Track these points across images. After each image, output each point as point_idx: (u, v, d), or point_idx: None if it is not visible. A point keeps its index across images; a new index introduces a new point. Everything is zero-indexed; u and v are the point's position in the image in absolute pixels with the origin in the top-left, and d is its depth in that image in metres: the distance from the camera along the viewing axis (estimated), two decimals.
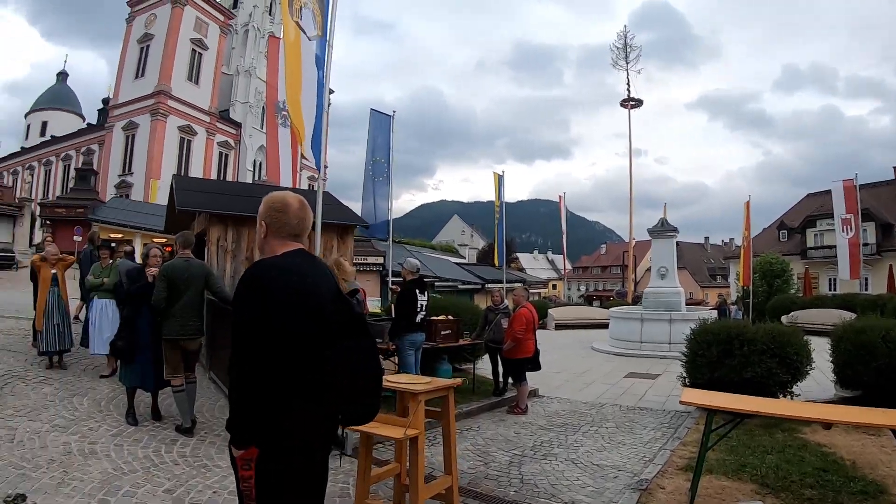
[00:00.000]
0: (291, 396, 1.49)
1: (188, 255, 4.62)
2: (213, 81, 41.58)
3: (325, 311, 1.59)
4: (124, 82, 40.36)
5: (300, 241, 1.76)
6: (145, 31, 39.80)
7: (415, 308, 5.61)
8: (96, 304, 6.33)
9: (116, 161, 39.89)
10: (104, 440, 4.50)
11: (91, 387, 5.99)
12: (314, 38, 6.12)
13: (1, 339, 7.64)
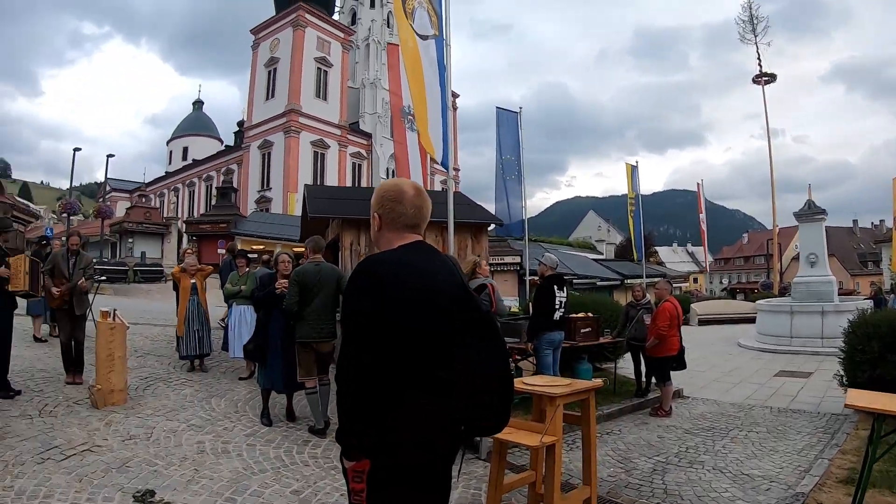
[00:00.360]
0: (408, 399, 1.58)
1: (319, 259, 5.29)
2: (341, 96, 49.26)
3: (446, 308, 1.66)
4: (256, 105, 49.26)
5: (418, 232, 1.83)
6: (271, 56, 48.56)
7: (553, 305, 5.99)
8: (235, 310, 7.49)
9: (255, 178, 48.46)
10: (237, 440, 5.06)
11: (229, 388, 6.90)
12: (431, 38, 7.01)
13: (148, 345, 9.24)
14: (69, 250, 6.46)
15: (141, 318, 12.75)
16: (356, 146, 51.12)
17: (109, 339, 5.71)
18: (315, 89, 48.36)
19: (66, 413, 5.42)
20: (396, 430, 1.60)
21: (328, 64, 48.81)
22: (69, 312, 6.29)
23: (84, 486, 3.89)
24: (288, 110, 46.13)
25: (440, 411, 1.63)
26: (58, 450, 4.49)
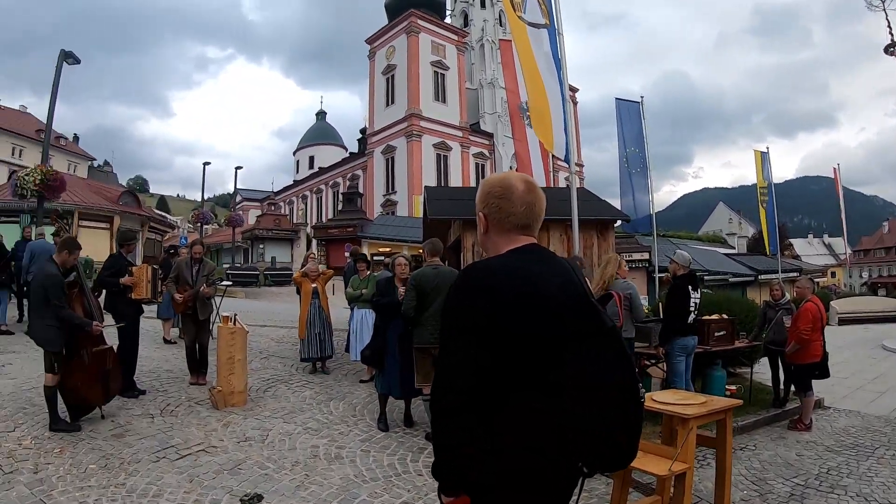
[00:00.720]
0: (514, 400, 1.62)
1: (436, 262, 5.72)
2: (460, 97, 55.68)
3: (560, 316, 1.67)
4: (377, 111, 57.58)
5: (531, 233, 1.83)
6: (387, 63, 56.41)
7: (687, 307, 6.31)
8: (356, 313, 8.35)
9: (380, 182, 56.34)
10: (352, 445, 5.38)
11: (349, 391, 7.44)
12: (542, 28, 7.74)
13: (273, 347, 10.40)
14: (192, 258, 7.52)
15: (269, 321, 14.30)
16: (478, 146, 56.56)
17: (230, 343, 6.48)
18: (434, 93, 54.66)
19: (187, 413, 6.11)
20: (500, 435, 1.59)
21: (444, 67, 55.39)
22: (193, 317, 7.29)
23: (194, 486, 4.27)
24: (408, 115, 52.51)
25: (550, 411, 1.62)
26: (174, 449, 5.02)
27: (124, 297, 6.67)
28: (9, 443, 5.01)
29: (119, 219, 36.25)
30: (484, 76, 58.34)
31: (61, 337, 5.35)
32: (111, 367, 5.84)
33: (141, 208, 42.42)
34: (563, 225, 8.41)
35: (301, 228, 44.81)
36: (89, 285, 6.02)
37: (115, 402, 6.17)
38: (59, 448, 4.98)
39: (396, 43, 56.24)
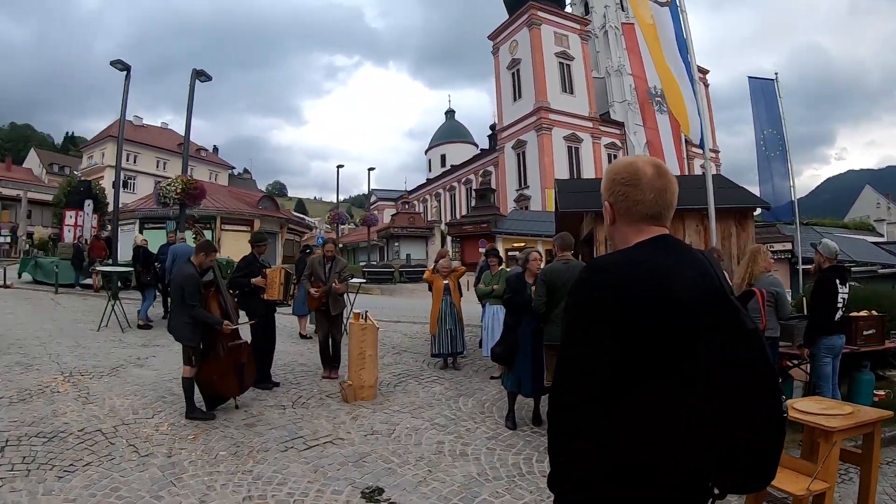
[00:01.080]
0: (638, 390, 1.50)
1: (568, 257, 5.70)
2: (587, 87, 55.33)
3: (696, 318, 1.54)
4: (505, 107, 58.60)
5: (662, 223, 1.70)
6: (511, 58, 57.16)
7: (835, 303, 5.95)
8: (488, 310, 8.48)
9: (512, 177, 56.94)
10: (478, 442, 5.32)
11: (479, 388, 7.42)
12: (664, 5, 7.77)
13: (406, 342, 10.68)
14: (325, 257, 7.89)
15: (403, 317, 14.66)
16: (609, 137, 55.74)
17: (361, 339, 6.70)
18: (560, 84, 54.51)
19: (318, 405, 6.34)
20: (618, 429, 1.48)
21: (569, 57, 55.21)
22: (326, 313, 7.63)
23: (318, 476, 4.37)
24: (536, 108, 52.77)
25: (679, 403, 1.49)
26: (302, 440, 5.20)
27: (256, 296, 7.11)
28: (147, 428, 5.42)
29: (259, 222, 39.26)
30: (610, 63, 57.14)
31: (197, 333, 5.79)
32: (245, 361, 6.24)
33: (279, 211, 45.73)
34: (700, 215, 8.17)
35: (435, 226, 46.43)
36: (225, 285, 6.41)
37: (250, 393, 6.56)
38: (192, 435, 5.31)
39: (518, 37, 56.62)
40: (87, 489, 4.08)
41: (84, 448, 4.87)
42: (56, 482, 4.18)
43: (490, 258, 9.00)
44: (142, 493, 4.07)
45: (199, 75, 16.09)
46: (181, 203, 15.22)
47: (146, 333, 10.56)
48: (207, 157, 71.28)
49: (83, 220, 23.87)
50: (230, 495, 4.09)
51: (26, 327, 10.56)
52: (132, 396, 6.43)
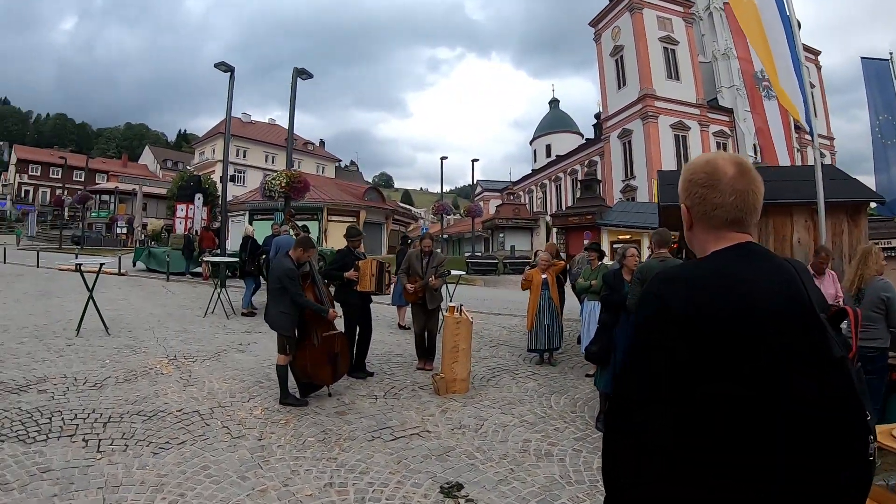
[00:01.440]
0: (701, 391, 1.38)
1: (664, 254, 5.62)
2: (693, 73, 53.95)
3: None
4: (609, 95, 58.05)
5: (744, 229, 1.59)
6: (614, 44, 56.65)
7: None
8: (586, 305, 8.44)
9: (618, 168, 56.32)
10: (565, 443, 5.29)
11: (573, 385, 7.37)
12: None
13: (504, 336, 10.70)
14: (423, 251, 8.09)
15: (503, 310, 14.72)
16: (718, 124, 54.24)
17: (455, 333, 6.81)
18: (665, 70, 53.32)
19: (409, 397, 6.50)
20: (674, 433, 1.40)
21: (673, 42, 53.87)
22: (423, 306, 7.85)
23: (400, 468, 4.48)
24: (642, 95, 51.99)
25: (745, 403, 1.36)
26: (389, 430, 5.35)
27: (350, 288, 7.39)
28: (242, 412, 5.75)
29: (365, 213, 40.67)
30: (717, 47, 55.71)
31: (292, 322, 6.10)
32: (339, 350, 6.51)
33: (384, 202, 47.19)
34: (809, 209, 7.79)
35: (540, 217, 46.95)
36: (319, 277, 6.72)
37: (343, 382, 6.82)
38: (284, 420, 5.59)
39: (620, 22, 56.08)
40: (178, 466, 4.39)
41: (180, 427, 5.23)
42: (151, 458, 4.52)
43: (590, 252, 8.98)
44: (229, 472, 4.33)
45: (300, 73, 16.94)
46: (286, 196, 16.04)
47: (250, 320, 11.18)
48: (314, 150, 75.09)
49: (193, 213, 25.67)
50: (313, 481, 4.27)
51: (137, 312, 11.45)
52: (231, 380, 6.83)
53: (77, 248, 37.86)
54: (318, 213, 37.63)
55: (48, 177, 77.00)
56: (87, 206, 48.67)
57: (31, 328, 9.32)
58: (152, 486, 4.03)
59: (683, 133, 53.06)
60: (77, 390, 6.15)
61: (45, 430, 5.02)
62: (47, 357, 7.51)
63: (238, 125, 62.51)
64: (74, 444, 4.74)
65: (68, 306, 11.54)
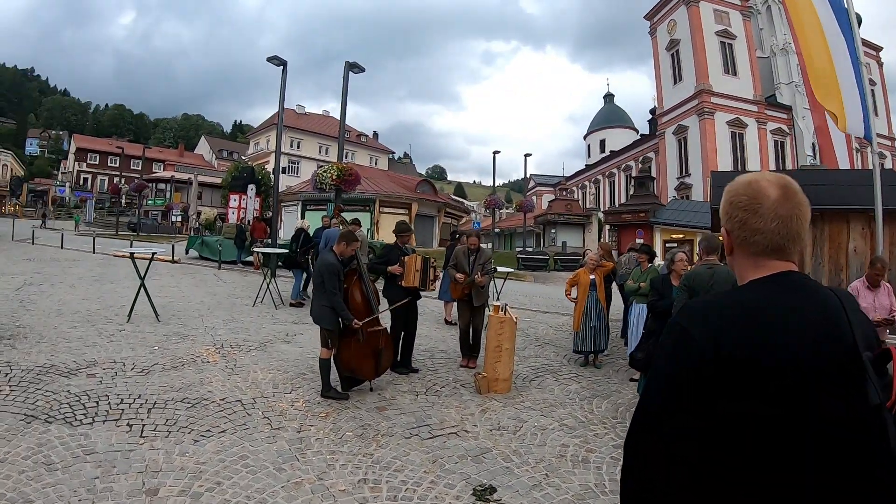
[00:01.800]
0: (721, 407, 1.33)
1: (713, 261, 5.53)
2: (751, 68, 53.22)
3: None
4: (665, 90, 57.47)
5: (787, 256, 1.51)
6: (670, 38, 56.02)
7: None
8: (634, 308, 8.39)
9: (672, 164, 55.55)
10: (603, 450, 5.23)
11: (616, 390, 7.28)
12: None
13: (550, 334, 10.68)
14: (469, 249, 8.18)
15: (551, 307, 14.63)
16: (776, 122, 53.16)
17: (499, 332, 6.82)
18: (723, 65, 52.63)
19: (450, 395, 6.53)
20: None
21: (731, 36, 53.12)
22: (469, 303, 7.93)
23: (435, 468, 4.52)
24: (698, 91, 51.30)
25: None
26: (427, 428, 5.39)
27: (396, 284, 7.48)
28: (283, 403, 5.88)
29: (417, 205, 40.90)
30: (775, 42, 54.45)
31: (335, 317, 6.19)
32: (383, 346, 6.60)
33: (437, 195, 47.42)
34: (866, 216, 7.59)
35: (593, 213, 46.96)
36: (367, 274, 6.81)
37: (386, 377, 6.92)
38: (324, 413, 5.69)
39: (676, 16, 55.56)
40: (217, 454, 4.52)
41: (222, 416, 5.38)
42: (191, 445, 4.67)
43: (640, 254, 8.93)
44: (266, 463, 4.44)
45: (352, 67, 17.22)
46: (337, 189, 16.30)
47: (297, 311, 11.40)
48: (368, 142, 76.22)
49: (246, 203, 26.27)
50: (347, 475, 4.34)
51: (188, 300, 11.83)
52: (275, 371, 6.99)
53: (133, 234, 39.28)
54: (370, 205, 38.13)
55: (106, 165, 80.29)
56: (144, 195, 50.36)
57: (83, 313, 9.70)
58: (191, 473, 4.17)
59: (740, 130, 52.38)
60: (125, 376, 6.39)
61: (92, 413, 5.23)
62: (98, 342, 7.81)
63: (292, 116, 63.86)
64: (119, 429, 4.92)
65: (121, 292, 11.98)
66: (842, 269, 7.49)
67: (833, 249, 7.63)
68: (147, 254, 10.33)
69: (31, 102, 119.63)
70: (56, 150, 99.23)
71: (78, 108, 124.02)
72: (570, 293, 8.76)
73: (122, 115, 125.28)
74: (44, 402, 5.41)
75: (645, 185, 41.73)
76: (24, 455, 4.26)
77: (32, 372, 6.24)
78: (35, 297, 10.91)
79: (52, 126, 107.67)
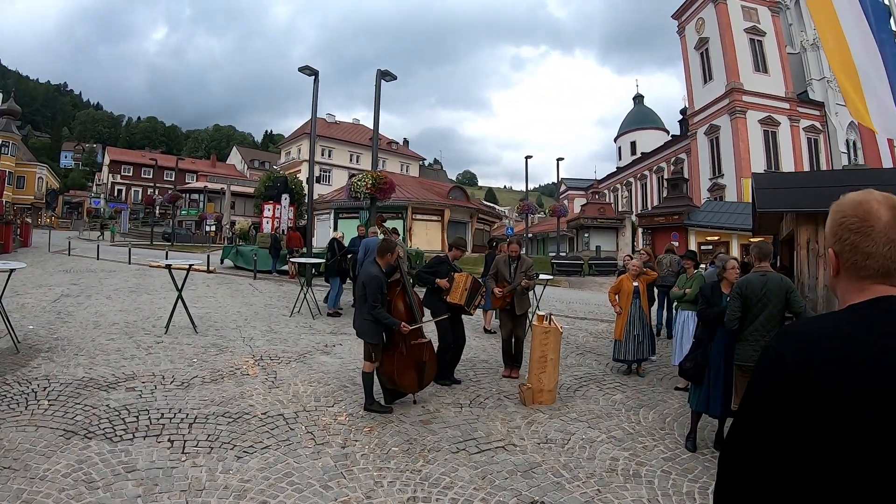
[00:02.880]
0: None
1: (766, 268, 5.47)
2: (782, 65, 52.18)
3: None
4: (695, 90, 56.87)
5: (893, 281, 1.43)
6: (698, 37, 55.48)
7: None
8: (680, 315, 8.28)
9: (705, 166, 54.93)
10: (654, 462, 5.11)
11: (661, 399, 7.13)
12: None
13: (591, 342, 10.49)
14: (510, 256, 8.08)
15: (589, 314, 14.43)
16: (809, 119, 52.24)
17: (544, 342, 6.70)
18: (753, 63, 51.89)
19: (494, 406, 6.41)
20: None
21: (760, 33, 52.38)
22: (510, 312, 7.82)
23: (485, 484, 4.40)
24: (729, 90, 50.74)
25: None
26: (474, 442, 5.28)
27: (439, 296, 7.40)
28: (326, 417, 5.80)
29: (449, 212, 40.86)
30: (805, 37, 53.58)
31: (379, 330, 6.09)
32: (427, 359, 6.48)
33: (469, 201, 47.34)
34: None
35: (626, 217, 46.63)
36: (410, 282, 6.72)
37: (429, 389, 6.82)
38: (368, 427, 5.59)
39: (704, 14, 54.86)
40: (261, 472, 4.45)
41: (265, 431, 5.31)
42: (234, 462, 4.61)
43: (685, 260, 8.86)
44: (312, 481, 4.35)
45: (384, 75, 17.26)
46: (371, 197, 16.32)
47: (335, 321, 11.38)
48: (399, 149, 76.83)
49: (280, 213, 26.47)
50: (396, 494, 4.24)
51: (225, 310, 11.86)
52: (315, 384, 6.93)
53: (167, 244, 39.88)
54: (402, 212, 38.20)
55: (140, 177, 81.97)
56: (177, 205, 51.12)
57: (121, 325, 9.77)
58: (235, 492, 4.09)
59: (773, 129, 51.69)
60: (164, 389, 6.37)
61: (132, 428, 5.20)
62: (136, 354, 7.83)
63: (323, 125, 64.43)
64: (160, 445, 4.88)
65: (158, 303, 12.08)
66: None
67: None
68: (184, 264, 10.35)
69: (65, 116, 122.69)
70: (90, 162, 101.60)
71: (110, 122, 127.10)
72: (616, 303, 8.55)
73: (155, 128, 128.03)
74: (83, 416, 5.39)
75: (678, 186, 41.59)
76: (63, 472, 4.23)
77: (71, 386, 6.26)
78: (72, 309, 11.02)
79: (85, 139, 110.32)
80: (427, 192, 44.71)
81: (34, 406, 5.56)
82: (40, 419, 5.24)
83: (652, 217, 40.80)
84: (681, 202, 39.55)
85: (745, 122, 50.71)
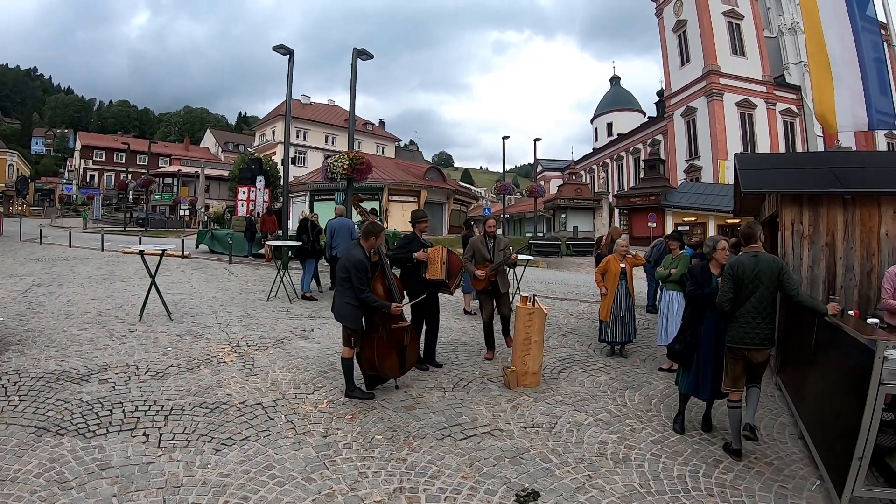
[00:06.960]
0: None
1: (757, 248, 5.37)
2: (759, 49, 53.10)
3: None
4: (673, 72, 57.39)
5: None
6: (677, 19, 55.82)
7: None
8: (665, 295, 8.17)
9: (682, 147, 55.74)
10: (643, 446, 5.04)
11: (647, 380, 7.05)
12: None
13: (572, 323, 10.38)
14: (486, 234, 7.90)
15: (569, 294, 14.37)
16: (785, 102, 53.31)
17: (527, 324, 6.58)
18: (730, 46, 52.77)
19: (478, 390, 6.29)
20: None
21: (738, 16, 53.09)
22: (491, 293, 7.66)
23: (473, 472, 4.28)
24: (706, 72, 51.51)
25: None
26: (460, 428, 5.16)
27: (417, 276, 7.13)
28: (306, 404, 5.63)
29: (426, 193, 40.66)
30: (783, 21, 55.01)
31: (359, 315, 5.88)
32: (408, 343, 6.31)
33: (445, 182, 47.18)
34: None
35: (602, 197, 46.78)
36: (390, 267, 6.48)
37: (411, 374, 6.65)
38: (350, 414, 5.44)
39: None
40: (241, 465, 4.29)
41: (243, 421, 5.14)
42: (213, 455, 4.43)
43: (671, 241, 8.84)
44: (294, 473, 4.20)
45: (360, 54, 16.90)
46: (348, 178, 16.02)
47: (313, 304, 11.19)
48: (374, 130, 76.35)
49: (255, 196, 26.05)
50: (381, 484, 4.10)
51: (200, 296, 11.59)
52: (294, 370, 6.74)
53: (141, 230, 39.18)
54: (378, 194, 37.90)
55: (112, 162, 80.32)
56: (151, 190, 50.20)
57: (93, 314, 9.47)
58: (214, 488, 3.93)
59: (749, 111, 52.69)
60: (138, 380, 6.14)
61: (106, 423, 4.99)
62: (109, 344, 7.56)
63: (298, 107, 63.63)
64: (135, 440, 4.68)
65: (132, 290, 11.78)
66: (873, 253, 7.19)
67: (864, 234, 7.30)
68: (157, 250, 10.04)
69: (36, 102, 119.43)
70: (61, 148, 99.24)
71: (81, 106, 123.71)
72: (602, 284, 8.42)
73: (127, 112, 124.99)
74: (55, 412, 5.16)
75: (655, 167, 42.16)
76: (35, 472, 4.02)
77: (42, 380, 6.00)
78: (43, 299, 10.68)
79: (56, 125, 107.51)
80: (403, 173, 44.44)
81: (4, 402, 5.32)
82: (10, 416, 5.01)
83: (629, 198, 41.34)
84: (657, 183, 39.93)
85: (722, 104, 51.66)
